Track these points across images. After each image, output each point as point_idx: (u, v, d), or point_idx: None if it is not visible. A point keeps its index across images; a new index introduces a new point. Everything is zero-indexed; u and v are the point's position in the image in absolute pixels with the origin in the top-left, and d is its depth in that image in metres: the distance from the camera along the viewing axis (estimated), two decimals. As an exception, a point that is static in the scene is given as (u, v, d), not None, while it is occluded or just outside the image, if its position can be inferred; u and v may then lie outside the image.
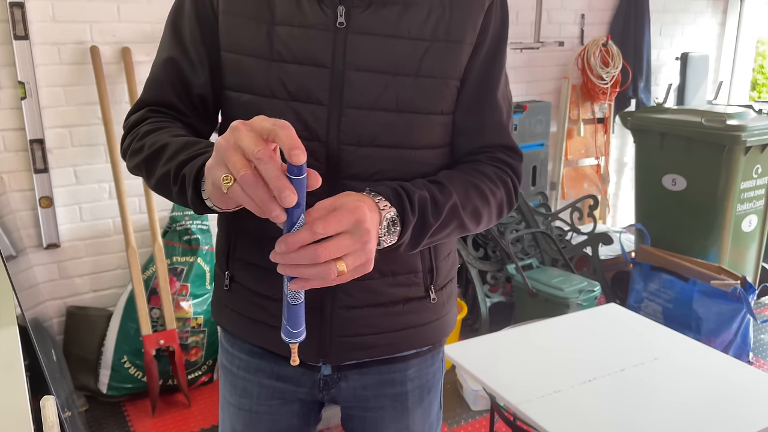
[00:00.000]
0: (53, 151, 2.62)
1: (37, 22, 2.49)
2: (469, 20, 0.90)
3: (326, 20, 0.86)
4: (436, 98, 0.90)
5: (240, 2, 0.89)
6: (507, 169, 0.97)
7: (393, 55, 0.87)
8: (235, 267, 0.99)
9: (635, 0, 3.96)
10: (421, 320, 1.00)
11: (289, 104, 0.87)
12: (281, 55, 0.87)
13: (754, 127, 3.04)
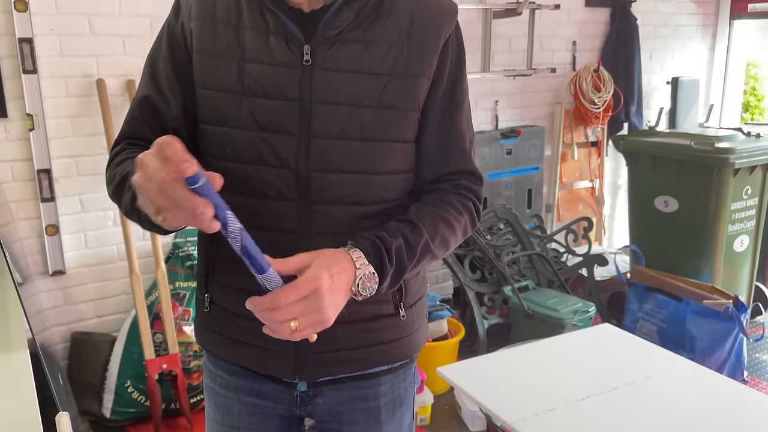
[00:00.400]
0: (60, 181, 2.69)
1: (46, 56, 2.58)
2: (426, 56, 0.97)
3: (293, 58, 0.94)
4: (396, 128, 0.98)
5: (212, 42, 0.97)
6: (469, 194, 1.05)
7: (356, 89, 0.94)
8: (214, 289, 1.06)
9: (625, 27, 4.08)
10: (392, 336, 1.06)
11: (260, 135, 0.95)
12: (252, 90, 0.95)
13: (742, 150, 3.12)
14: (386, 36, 0.95)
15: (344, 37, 0.94)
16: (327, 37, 0.93)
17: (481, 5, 3.46)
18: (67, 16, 2.59)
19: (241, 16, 0.96)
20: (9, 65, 2.53)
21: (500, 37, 3.66)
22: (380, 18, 0.95)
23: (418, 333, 1.12)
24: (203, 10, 0.98)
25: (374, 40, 0.95)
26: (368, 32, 0.95)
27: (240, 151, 0.96)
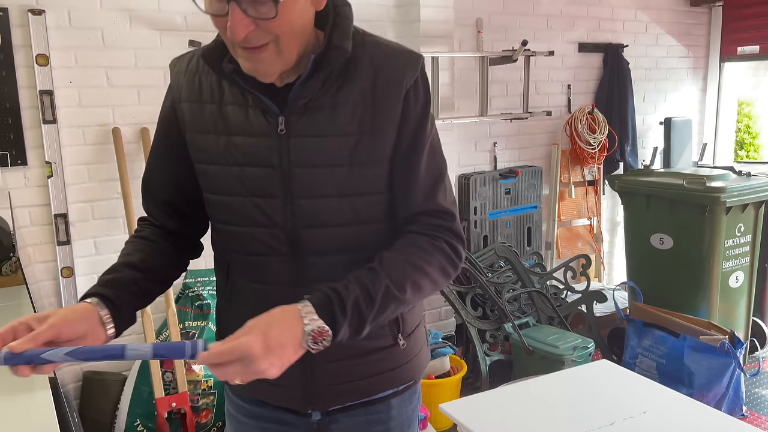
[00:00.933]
0: (75, 225, 2.80)
1: (65, 107, 2.72)
2: (388, 111, 1.03)
3: (270, 129, 1.03)
4: (370, 182, 1.05)
5: (200, 120, 1.08)
6: (440, 233, 1.07)
7: (328, 151, 1.03)
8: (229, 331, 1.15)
9: (617, 71, 4.24)
10: (395, 364, 1.15)
11: (251, 200, 1.06)
12: (238, 161, 1.05)
13: (733, 188, 3.22)
14: (351, 98, 1.02)
15: (313, 105, 1.02)
16: (298, 106, 1.02)
17: (478, 53, 3.62)
18: (86, 69, 2.75)
19: (223, 93, 1.06)
20: (30, 116, 2.67)
21: (497, 82, 3.81)
22: (346, 82, 1.03)
23: (419, 356, 1.21)
24: (191, 92, 1.09)
25: (341, 104, 1.02)
26: (335, 97, 1.02)
27: (236, 215, 1.08)
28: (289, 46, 0.96)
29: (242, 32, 0.91)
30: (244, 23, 0.90)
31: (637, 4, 4.35)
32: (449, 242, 1.08)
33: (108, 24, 2.76)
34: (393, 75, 1.03)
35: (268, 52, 0.95)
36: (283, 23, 0.93)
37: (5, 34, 2.56)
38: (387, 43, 1.08)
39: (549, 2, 3.98)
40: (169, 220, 1.17)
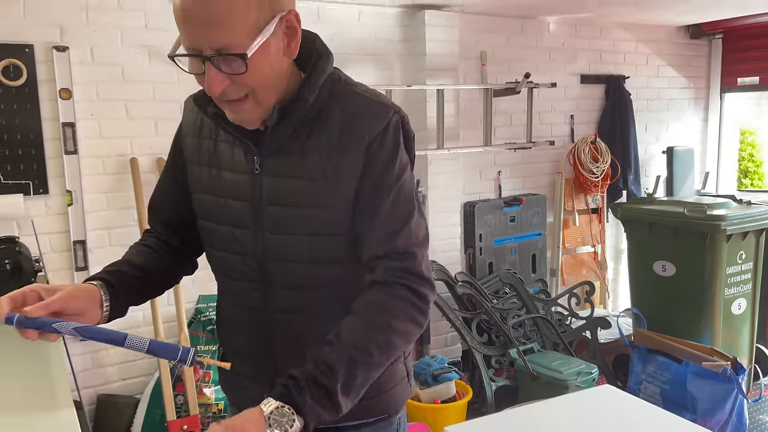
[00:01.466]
0: (93, 251, 2.90)
1: (86, 138, 2.85)
2: (351, 160, 1.08)
3: (248, 167, 1.13)
4: (332, 223, 1.10)
5: (198, 155, 1.20)
6: (399, 278, 1.07)
7: (295, 191, 1.10)
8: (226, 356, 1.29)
9: (619, 101, 4.34)
10: (367, 395, 1.06)
11: (230, 229, 1.17)
12: (223, 193, 1.16)
13: (734, 216, 3.29)
14: (319, 145, 1.08)
15: (285, 148, 1.10)
16: (271, 149, 1.11)
17: (482, 85, 3.74)
18: (107, 102, 2.88)
19: (218, 131, 1.17)
20: (52, 147, 2.79)
21: (501, 113, 3.92)
22: (315, 129, 1.09)
23: (393, 391, 1.22)
24: (194, 128, 1.21)
25: (309, 149, 1.09)
26: (305, 143, 1.09)
27: (219, 241, 1.20)
28: (265, 97, 1.04)
29: (218, 88, 0.99)
30: (219, 79, 0.98)
31: (637, 37, 4.48)
32: (410, 287, 1.07)
33: (128, 59, 2.90)
34: (358, 126, 1.08)
35: (248, 104, 1.04)
36: (255, 77, 0.99)
37: (30, 70, 2.70)
38: (362, 94, 1.12)
39: (551, 36, 4.11)
40: (170, 237, 1.28)
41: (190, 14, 0.96)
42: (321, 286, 1.15)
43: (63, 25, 2.76)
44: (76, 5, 2.78)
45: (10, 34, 2.66)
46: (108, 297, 1.09)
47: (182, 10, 0.96)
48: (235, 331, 1.24)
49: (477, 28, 3.79)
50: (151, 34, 2.93)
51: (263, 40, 0.98)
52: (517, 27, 3.95)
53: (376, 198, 1.09)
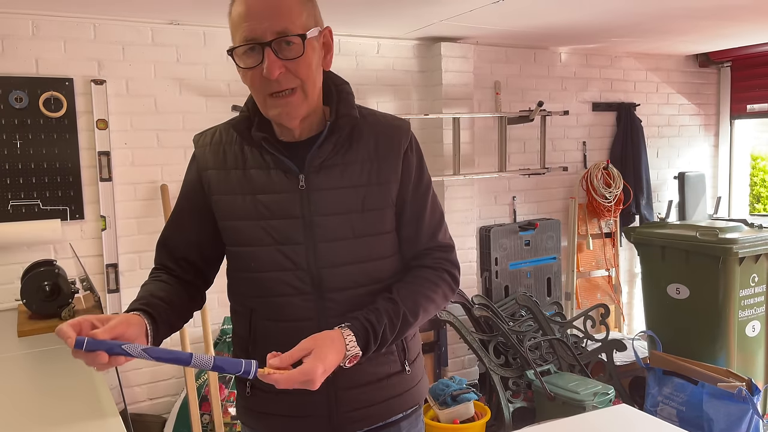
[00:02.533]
0: (124, 274, 3.03)
1: (120, 166, 2.99)
2: (391, 166, 1.26)
3: (292, 185, 1.22)
4: (379, 223, 1.26)
5: (227, 184, 1.25)
6: (442, 264, 1.31)
7: (342, 200, 1.22)
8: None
9: (630, 128, 4.45)
10: (403, 389, 1.31)
11: (277, 248, 1.23)
12: (264, 215, 1.22)
13: (745, 239, 3.35)
14: (358, 157, 1.24)
15: (327, 163, 1.22)
16: (314, 165, 1.22)
17: (496, 113, 3.86)
18: (140, 132, 3.03)
19: (246, 159, 1.25)
20: (88, 174, 2.93)
21: (515, 140, 4.04)
22: (352, 144, 1.24)
23: (421, 383, 1.38)
24: (217, 160, 1.27)
25: (350, 162, 1.23)
26: (345, 156, 1.23)
27: (262, 263, 1.24)
28: (311, 93, 1.18)
29: (276, 71, 1.12)
30: (277, 64, 1.12)
31: (647, 66, 4.60)
32: (449, 271, 1.32)
33: (161, 91, 3.06)
34: (391, 139, 1.27)
35: (297, 97, 1.16)
36: (306, 66, 1.15)
37: (70, 102, 2.86)
38: (381, 113, 1.33)
39: (563, 65, 4.24)
40: (184, 272, 1.32)
41: (255, 7, 1.12)
42: (370, 283, 1.25)
43: (101, 59, 2.93)
44: (114, 41, 2.95)
45: (51, 68, 2.83)
46: (151, 327, 1.14)
47: (248, 5, 1.12)
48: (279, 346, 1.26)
49: (491, 58, 3.93)
50: (182, 68, 3.10)
51: (313, 35, 1.16)
52: (529, 57, 4.09)
53: (418, 201, 1.29)
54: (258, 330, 1.28)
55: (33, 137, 2.81)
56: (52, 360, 2.06)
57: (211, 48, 3.15)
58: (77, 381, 1.87)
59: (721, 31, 3.73)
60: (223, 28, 3.14)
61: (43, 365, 2.03)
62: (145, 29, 3.01)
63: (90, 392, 1.77)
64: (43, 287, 2.50)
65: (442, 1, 2.77)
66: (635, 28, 3.55)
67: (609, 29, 3.55)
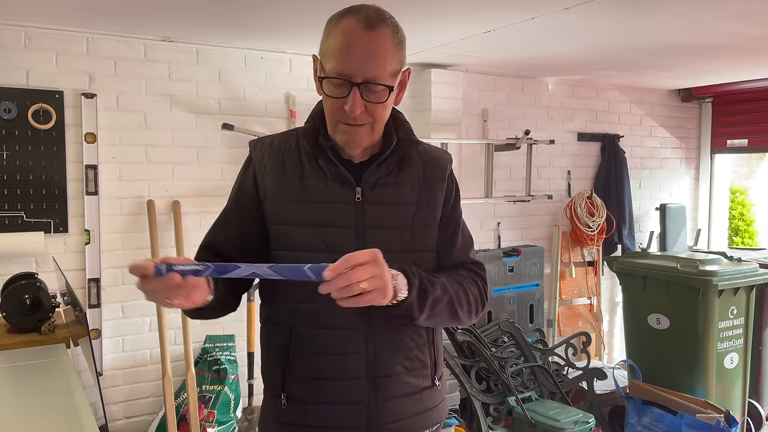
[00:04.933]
0: (106, 289, 2.99)
1: (106, 180, 2.98)
2: (438, 187, 1.36)
3: (348, 197, 1.28)
4: (425, 241, 1.33)
5: (284, 190, 1.29)
6: (476, 276, 1.39)
7: (394, 216, 1.30)
8: (292, 386, 1.30)
9: (614, 159, 4.53)
10: (432, 403, 1.37)
11: (329, 255, 1.22)
12: (319, 222, 1.27)
13: (724, 272, 3.41)
14: (409, 178, 1.33)
15: (382, 181, 1.30)
16: (370, 181, 1.29)
17: (484, 140, 3.92)
18: (128, 147, 3.02)
19: (303, 168, 1.30)
20: (74, 187, 2.91)
21: (501, 167, 4.09)
22: (403, 167, 1.33)
23: (445, 401, 1.43)
24: (276, 165, 1.31)
25: (403, 182, 1.32)
26: (397, 177, 1.32)
27: None
28: (378, 128, 1.28)
29: (358, 110, 1.20)
30: (360, 104, 1.20)
31: (631, 99, 4.70)
32: (482, 283, 1.39)
33: (151, 107, 3.06)
34: (438, 166, 1.38)
35: (365, 130, 1.25)
36: (382, 109, 1.24)
37: (59, 114, 2.85)
38: (428, 144, 1.44)
39: (549, 95, 4.32)
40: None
41: (356, 48, 1.18)
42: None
43: (92, 73, 2.93)
44: (106, 56, 2.95)
45: (42, 80, 2.83)
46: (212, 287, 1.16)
47: (348, 43, 1.18)
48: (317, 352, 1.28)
49: (480, 86, 4.00)
50: (173, 84, 3.11)
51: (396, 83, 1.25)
52: (517, 86, 4.17)
53: (454, 222, 1.40)
54: (301, 338, 1.29)
55: (20, 148, 2.79)
56: (32, 375, 2.02)
57: (203, 65, 3.17)
58: (57, 396, 1.84)
59: (703, 67, 3.83)
60: (216, 47, 3.18)
61: (22, 380, 2.00)
62: (138, 45, 3.02)
63: (70, 408, 1.74)
64: (24, 300, 2.46)
65: (433, 29, 2.83)
66: (620, 62, 3.64)
67: (594, 62, 3.63)
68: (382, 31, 1.19)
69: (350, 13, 1.21)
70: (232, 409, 3.04)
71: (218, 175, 3.19)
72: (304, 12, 2.56)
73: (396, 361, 1.30)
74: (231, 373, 3.09)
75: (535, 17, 2.61)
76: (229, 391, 3.06)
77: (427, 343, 1.35)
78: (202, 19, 2.69)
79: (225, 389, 3.05)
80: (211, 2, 2.44)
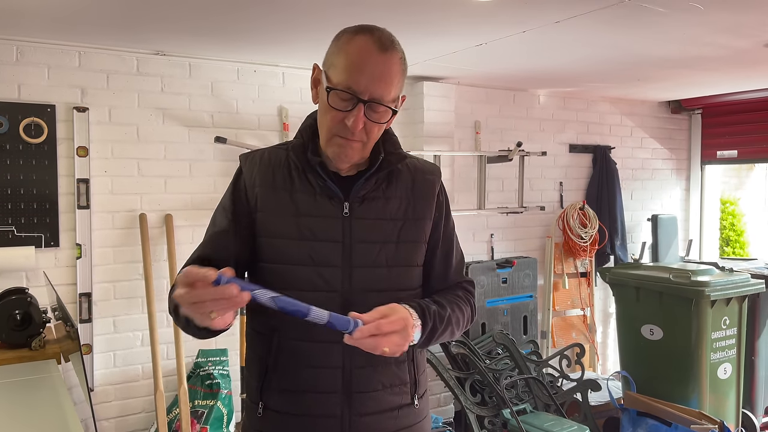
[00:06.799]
0: (98, 303, 2.97)
1: (98, 194, 2.96)
2: (426, 204, 1.37)
3: (336, 211, 1.29)
4: (410, 256, 1.34)
5: (274, 203, 1.29)
6: (468, 295, 1.43)
7: (381, 230, 1.30)
8: (268, 396, 1.31)
9: (606, 170, 4.55)
10: (410, 422, 1.35)
11: (315, 269, 1.27)
12: (306, 236, 1.28)
13: (717, 283, 3.43)
14: (397, 193, 1.34)
15: (370, 195, 1.31)
16: (359, 196, 1.30)
17: (476, 152, 3.93)
18: (120, 160, 3.01)
19: (293, 182, 1.31)
20: (66, 201, 2.90)
21: (494, 179, 4.10)
22: (392, 182, 1.35)
23: (426, 420, 1.42)
24: (266, 179, 1.31)
25: (391, 197, 1.33)
26: (386, 192, 1.33)
27: (298, 282, 1.27)
28: (369, 147, 1.30)
29: (359, 126, 1.22)
30: (362, 121, 1.22)
31: (622, 111, 4.74)
32: (473, 303, 1.44)
33: (143, 120, 3.05)
34: (427, 180, 1.39)
35: (358, 146, 1.27)
36: (379, 129, 1.27)
37: (51, 128, 2.84)
38: (417, 158, 1.45)
39: (541, 107, 4.35)
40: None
41: (368, 67, 1.20)
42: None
43: (84, 87, 2.92)
44: (98, 69, 2.95)
45: (34, 94, 2.82)
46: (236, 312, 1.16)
47: (362, 61, 1.21)
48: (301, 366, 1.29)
49: (472, 98, 4.02)
50: (166, 98, 3.10)
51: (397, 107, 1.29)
52: (509, 98, 4.19)
53: (447, 240, 1.41)
54: (281, 349, 1.30)
55: (11, 162, 2.78)
56: (22, 391, 2.00)
57: (195, 79, 3.17)
58: (48, 413, 1.82)
59: (693, 79, 3.87)
60: (209, 60, 3.18)
61: (12, 396, 1.97)
62: (131, 58, 3.02)
63: (61, 424, 1.72)
64: (14, 316, 2.44)
65: (425, 42, 2.84)
66: (610, 75, 3.67)
67: (585, 75, 3.66)
68: (394, 55, 1.23)
69: (364, 32, 1.23)
70: (225, 423, 3.02)
71: (211, 188, 3.18)
72: (296, 26, 2.57)
73: (374, 377, 1.30)
74: (224, 387, 3.07)
75: (527, 30, 2.63)
76: (221, 406, 3.03)
77: (407, 360, 1.35)
78: (195, 32, 2.69)
79: (218, 404, 3.02)
80: (203, 16, 2.45)
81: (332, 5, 2.28)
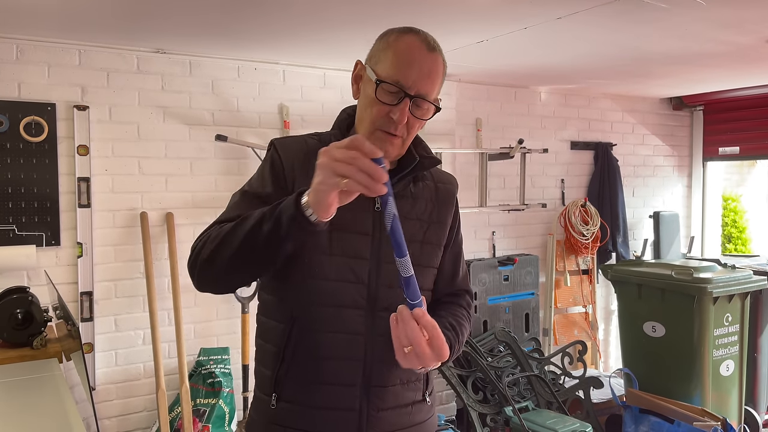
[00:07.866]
0: (99, 302, 2.97)
1: (99, 193, 2.96)
2: (448, 210, 1.41)
3: (368, 205, 1.30)
4: (432, 258, 1.38)
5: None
6: (468, 306, 1.47)
7: (408, 229, 1.29)
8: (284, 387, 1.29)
9: (607, 167, 4.54)
10: (422, 418, 1.38)
11: (344, 259, 1.26)
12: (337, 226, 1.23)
13: (719, 279, 3.42)
14: (424, 195, 1.38)
15: (400, 193, 1.33)
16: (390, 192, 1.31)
17: (477, 150, 3.92)
18: (121, 158, 3.01)
19: None
20: (66, 200, 2.89)
21: (495, 176, 4.10)
22: (418, 184, 1.38)
23: (434, 417, 1.43)
24: (303, 164, 1.28)
25: (418, 197, 1.37)
26: (414, 191, 1.37)
27: (334, 272, 1.26)
28: (406, 144, 1.32)
29: (404, 120, 1.24)
30: (407, 116, 1.24)
31: (623, 107, 4.72)
32: (471, 313, 1.47)
33: (144, 119, 3.05)
34: (449, 186, 1.45)
35: (399, 142, 1.28)
36: (419, 125, 1.28)
37: (51, 127, 2.83)
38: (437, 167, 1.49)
39: (542, 104, 4.34)
40: None
41: (418, 63, 1.23)
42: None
43: (84, 85, 2.91)
44: (98, 68, 2.94)
45: (34, 93, 2.81)
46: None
47: (412, 57, 1.23)
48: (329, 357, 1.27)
49: (473, 96, 4.01)
50: (167, 96, 3.10)
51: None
52: (510, 96, 4.18)
53: (457, 246, 1.47)
54: (301, 339, 1.28)
55: (12, 161, 2.77)
56: (24, 390, 2.00)
57: (196, 77, 3.16)
58: (49, 412, 1.81)
59: (694, 76, 3.86)
60: (209, 58, 3.17)
61: (14, 395, 1.97)
62: (131, 57, 3.02)
63: (62, 423, 1.72)
64: (15, 315, 2.44)
65: (427, 40, 2.83)
66: (612, 71, 3.66)
67: (587, 71, 3.65)
68: (439, 56, 1.27)
69: (412, 32, 1.27)
70: (227, 422, 3.01)
71: (212, 186, 3.17)
72: (296, 24, 2.56)
73: (393, 372, 1.29)
74: (226, 386, 3.07)
75: (528, 27, 2.62)
76: (223, 404, 3.03)
77: None
78: (195, 30, 2.68)
79: (220, 402, 3.02)
80: (204, 14, 2.44)
81: (332, 4, 2.28)
